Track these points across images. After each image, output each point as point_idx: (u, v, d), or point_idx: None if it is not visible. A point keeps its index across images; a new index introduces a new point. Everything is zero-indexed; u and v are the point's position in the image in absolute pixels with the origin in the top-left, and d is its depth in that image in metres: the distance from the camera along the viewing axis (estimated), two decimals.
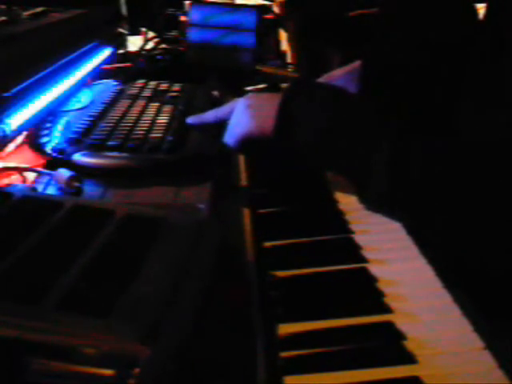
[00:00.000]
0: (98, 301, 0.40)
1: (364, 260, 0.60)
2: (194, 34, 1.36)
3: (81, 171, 0.70)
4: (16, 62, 0.74)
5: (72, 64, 0.93)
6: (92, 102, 0.97)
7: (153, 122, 0.86)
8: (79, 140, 0.78)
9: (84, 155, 0.74)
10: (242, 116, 0.71)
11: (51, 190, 0.68)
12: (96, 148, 0.76)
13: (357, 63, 1.02)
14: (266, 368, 0.46)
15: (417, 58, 0.91)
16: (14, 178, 0.69)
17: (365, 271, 0.58)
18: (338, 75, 1.04)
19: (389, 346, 0.48)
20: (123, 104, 0.95)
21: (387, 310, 0.52)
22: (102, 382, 0.36)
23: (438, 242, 0.60)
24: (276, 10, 1.60)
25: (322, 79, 1.06)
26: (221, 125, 0.76)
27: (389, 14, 1.05)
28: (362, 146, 0.59)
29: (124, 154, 0.75)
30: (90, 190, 0.69)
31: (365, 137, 0.60)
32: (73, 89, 0.92)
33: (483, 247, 0.72)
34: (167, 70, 1.33)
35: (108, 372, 0.36)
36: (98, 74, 1.09)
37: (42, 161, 0.75)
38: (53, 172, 0.70)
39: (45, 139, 0.79)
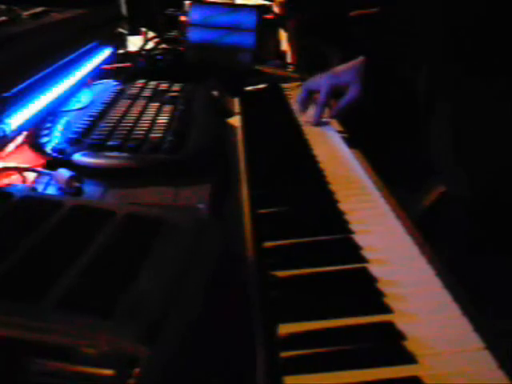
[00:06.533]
0: (98, 301, 0.40)
1: (364, 260, 0.60)
2: (194, 34, 1.36)
3: (81, 171, 0.70)
4: (16, 62, 0.74)
5: (72, 64, 0.93)
6: (92, 102, 0.97)
7: (153, 122, 0.86)
8: (79, 140, 0.78)
9: (84, 155, 0.74)
10: None
11: (51, 190, 0.68)
12: (96, 148, 0.76)
13: (360, 59, 1.02)
14: (265, 368, 0.46)
15: None
16: (14, 178, 0.69)
17: (365, 271, 0.58)
18: (342, 71, 1.04)
19: (389, 346, 0.48)
20: (123, 104, 0.95)
21: (387, 309, 0.52)
22: (101, 382, 0.36)
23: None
24: (276, 9, 1.60)
25: (326, 74, 1.06)
26: None
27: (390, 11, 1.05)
28: None
29: (124, 154, 0.75)
30: (90, 190, 0.69)
31: None
32: (73, 89, 0.92)
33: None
34: (167, 70, 1.33)
35: (108, 372, 0.36)
36: (98, 73, 1.09)
37: (42, 161, 0.75)
38: (53, 172, 0.70)
39: (45, 139, 0.79)
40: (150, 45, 1.43)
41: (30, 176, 0.71)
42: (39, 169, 0.72)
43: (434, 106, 0.96)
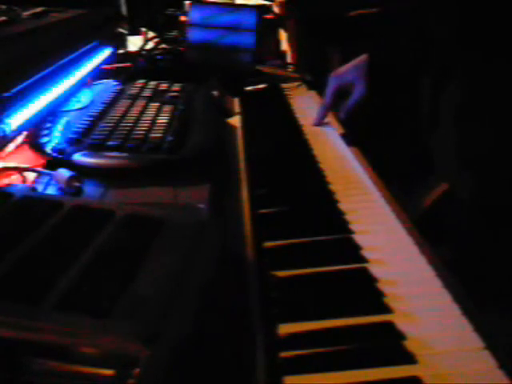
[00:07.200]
0: (98, 301, 0.40)
1: (364, 260, 0.60)
2: (194, 34, 1.36)
3: (81, 171, 0.70)
4: (16, 62, 0.74)
5: (72, 64, 0.93)
6: (92, 102, 0.97)
7: (153, 122, 0.86)
8: (79, 140, 0.78)
9: (84, 155, 0.74)
10: None
11: (51, 190, 0.68)
12: (96, 148, 0.76)
13: (362, 57, 1.02)
14: (265, 368, 0.46)
15: None
16: (14, 178, 0.69)
17: (365, 271, 0.58)
18: (345, 70, 1.04)
19: (389, 346, 0.48)
20: (123, 104, 0.95)
21: (387, 309, 0.52)
22: (101, 382, 0.36)
23: None
24: (276, 9, 1.60)
25: (331, 75, 1.05)
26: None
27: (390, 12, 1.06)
28: None
29: (124, 154, 0.75)
30: (90, 190, 0.69)
31: None
32: (73, 89, 0.92)
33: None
34: (167, 70, 1.33)
35: (108, 372, 0.36)
36: (98, 73, 1.09)
37: (42, 161, 0.75)
38: (53, 172, 0.70)
39: (45, 139, 0.79)
40: (150, 45, 1.43)
41: (30, 176, 0.71)
42: (39, 169, 0.72)
43: (438, 108, 0.96)
